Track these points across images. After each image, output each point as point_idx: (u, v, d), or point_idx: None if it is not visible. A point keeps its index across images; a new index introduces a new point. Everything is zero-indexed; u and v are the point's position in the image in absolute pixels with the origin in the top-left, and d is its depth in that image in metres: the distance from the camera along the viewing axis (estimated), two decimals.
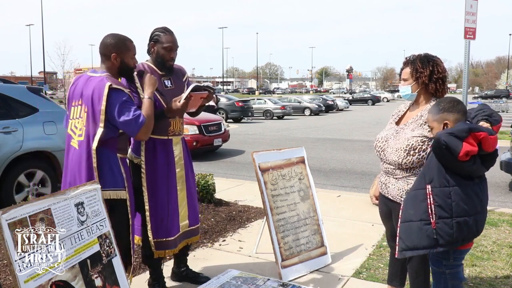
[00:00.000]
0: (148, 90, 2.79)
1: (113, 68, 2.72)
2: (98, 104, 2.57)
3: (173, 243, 3.08)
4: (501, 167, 7.04)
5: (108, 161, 2.64)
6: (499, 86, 70.72)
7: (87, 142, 2.61)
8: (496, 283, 3.39)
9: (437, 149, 2.09)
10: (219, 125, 11.06)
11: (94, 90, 2.60)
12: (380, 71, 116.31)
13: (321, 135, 16.50)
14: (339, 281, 3.47)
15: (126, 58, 2.73)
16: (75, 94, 2.71)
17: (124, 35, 2.78)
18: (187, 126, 10.04)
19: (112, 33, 2.77)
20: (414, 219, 2.17)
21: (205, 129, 10.49)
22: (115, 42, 2.70)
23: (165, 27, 3.02)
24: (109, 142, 2.64)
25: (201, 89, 2.93)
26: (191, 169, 3.29)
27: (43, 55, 41.13)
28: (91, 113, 2.60)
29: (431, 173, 2.14)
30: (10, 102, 5.26)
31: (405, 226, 2.22)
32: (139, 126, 2.58)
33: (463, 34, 5.84)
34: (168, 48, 2.98)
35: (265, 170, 3.71)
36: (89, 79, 2.69)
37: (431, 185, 2.13)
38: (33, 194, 5.31)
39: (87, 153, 2.60)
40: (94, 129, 2.60)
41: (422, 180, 2.19)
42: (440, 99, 2.41)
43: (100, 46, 2.74)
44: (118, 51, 2.70)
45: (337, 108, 35.09)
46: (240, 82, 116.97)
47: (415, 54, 2.61)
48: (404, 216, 2.24)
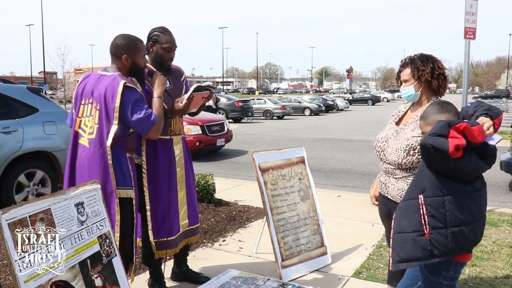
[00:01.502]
0: (158, 90, 2.82)
1: (124, 68, 2.75)
2: (112, 102, 2.59)
3: (173, 242, 3.08)
4: (501, 167, 7.04)
5: (118, 160, 2.67)
6: (499, 86, 70.71)
7: (100, 140, 2.62)
8: (496, 283, 3.39)
9: (426, 155, 2.01)
10: (222, 125, 11.03)
11: (107, 88, 2.61)
12: (380, 71, 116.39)
13: (321, 135, 16.51)
14: (339, 281, 3.47)
15: (137, 59, 2.76)
16: (85, 92, 2.72)
17: (135, 36, 2.79)
18: (190, 126, 10.01)
19: (123, 34, 2.78)
20: (407, 230, 2.08)
21: (208, 129, 10.45)
22: (125, 43, 2.72)
23: (164, 27, 3.03)
24: (119, 141, 2.67)
25: (202, 89, 2.94)
26: (191, 168, 3.30)
27: (43, 55, 41.10)
28: (104, 110, 2.62)
29: (423, 182, 2.06)
30: (10, 102, 5.26)
31: (398, 237, 2.15)
32: (151, 124, 2.63)
33: (463, 34, 5.84)
34: (167, 48, 2.99)
35: (265, 170, 3.71)
36: (100, 78, 2.70)
37: (423, 195, 2.04)
38: (33, 194, 5.31)
39: (101, 151, 2.62)
40: (108, 126, 2.61)
41: (413, 190, 2.11)
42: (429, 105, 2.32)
43: (111, 47, 2.75)
44: (129, 52, 2.72)
45: (337, 108, 35.08)
46: (240, 82, 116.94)
47: (411, 56, 2.61)
48: (397, 227, 2.16)
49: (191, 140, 9.90)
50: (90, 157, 2.65)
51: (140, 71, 2.81)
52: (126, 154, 2.74)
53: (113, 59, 2.77)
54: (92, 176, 2.61)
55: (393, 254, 2.17)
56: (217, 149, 11.36)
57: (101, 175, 2.60)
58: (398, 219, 2.16)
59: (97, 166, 2.62)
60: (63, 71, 34.32)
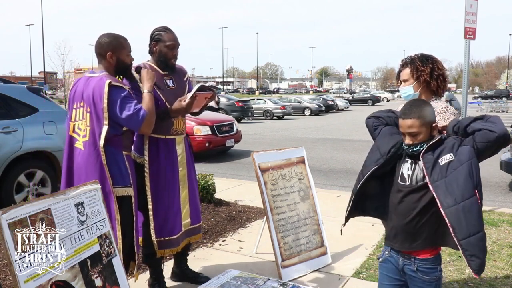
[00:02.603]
0: (146, 84, 2.82)
1: (110, 67, 2.76)
2: (100, 102, 2.60)
3: (175, 241, 3.09)
4: (501, 167, 7.04)
5: (114, 159, 2.68)
6: (499, 86, 70.69)
7: (94, 142, 2.64)
8: (496, 283, 3.39)
9: (499, 144, 1.96)
10: (231, 125, 10.89)
11: (95, 89, 2.63)
12: (380, 71, 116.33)
13: (321, 135, 16.51)
14: (339, 281, 3.47)
15: (121, 56, 2.76)
16: (76, 96, 2.74)
17: (119, 34, 2.80)
18: (200, 126, 9.92)
19: (106, 32, 2.80)
20: (480, 229, 1.93)
21: (217, 130, 10.29)
22: (109, 41, 2.74)
23: (165, 26, 3.04)
24: (114, 140, 2.68)
25: (205, 89, 2.94)
26: (193, 168, 3.31)
27: (43, 55, 41.13)
28: (94, 112, 2.64)
29: (478, 176, 1.96)
30: (10, 102, 5.26)
31: (476, 240, 1.91)
32: (141, 120, 2.62)
33: (463, 34, 5.84)
34: (171, 46, 2.99)
35: (265, 170, 3.71)
36: (88, 80, 2.72)
37: (477, 189, 1.94)
38: (33, 194, 5.32)
39: (95, 152, 2.63)
40: (99, 127, 2.63)
41: (469, 186, 1.93)
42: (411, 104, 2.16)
43: (96, 46, 2.78)
44: (113, 50, 2.73)
45: (337, 108, 35.07)
46: (240, 82, 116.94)
47: (411, 55, 2.61)
48: (468, 229, 1.92)
49: (200, 140, 9.81)
50: (86, 159, 2.66)
51: (126, 68, 2.83)
52: (123, 153, 2.75)
53: (99, 59, 2.79)
54: (89, 177, 2.61)
55: (474, 260, 1.91)
56: (226, 150, 11.25)
57: (98, 175, 2.61)
58: (463, 223, 1.92)
59: (93, 167, 2.64)
60: (63, 71, 34.36)
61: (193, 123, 9.87)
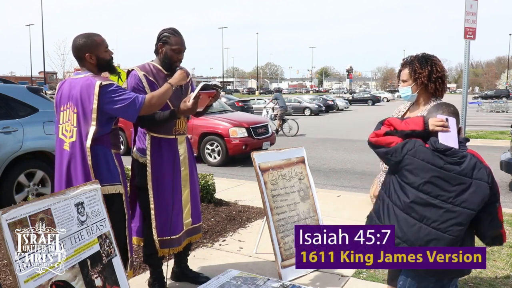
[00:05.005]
0: (173, 80, 2.88)
1: (93, 67, 2.76)
2: (89, 103, 2.60)
3: (177, 241, 3.11)
4: (501, 167, 7.03)
5: (104, 157, 2.69)
6: (499, 86, 70.69)
7: (80, 142, 2.64)
8: (496, 283, 3.39)
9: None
10: (267, 127, 10.41)
11: (82, 89, 2.62)
12: (380, 71, 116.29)
13: (321, 135, 16.50)
14: (339, 281, 3.47)
15: (100, 54, 2.75)
16: (62, 99, 2.74)
17: (91, 32, 2.79)
18: (236, 128, 9.41)
19: (79, 34, 2.78)
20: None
21: (254, 132, 9.74)
22: (84, 42, 2.72)
23: (174, 28, 3.03)
24: (102, 139, 2.69)
25: (209, 87, 2.94)
26: (195, 168, 3.32)
27: (43, 55, 41.22)
28: (81, 113, 2.63)
29: None
30: (10, 102, 5.26)
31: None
32: (138, 107, 2.64)
33: (463, 34, 5.85)
34: (177, 50, 2.99)
35: (265, 170, 3.72)
36: (73, 81, 2.71)
37: None
38: (33, 194, 5.32)
39: (81, 153, 2.63)
40: (86, 128, 2.62)
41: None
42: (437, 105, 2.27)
43: (73, 51, 2.76)
44: (90, 50, 2.72)
45: (337, 108, 35.06)
46: (240, 82, 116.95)
47: (412, 55, 2.61)
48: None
49: (237, 143, 9.31)
50: (71, 159, 2.66)
51: (107, 64, 2.81)
52: (112, 151, 2.76)
53: (79, 62, 2.78)
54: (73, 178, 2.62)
55: None
56: None
57: (82, 176, 2.61)
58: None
59: (77, 168, 2.64)
60: (63, 71, 34.45)
61: (228, 124, 9.45)
